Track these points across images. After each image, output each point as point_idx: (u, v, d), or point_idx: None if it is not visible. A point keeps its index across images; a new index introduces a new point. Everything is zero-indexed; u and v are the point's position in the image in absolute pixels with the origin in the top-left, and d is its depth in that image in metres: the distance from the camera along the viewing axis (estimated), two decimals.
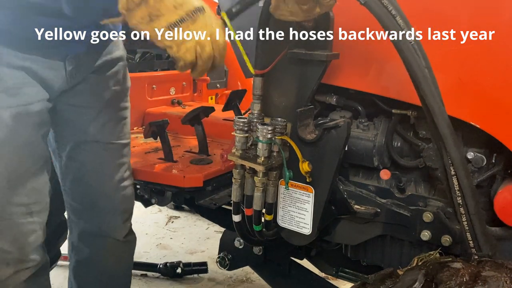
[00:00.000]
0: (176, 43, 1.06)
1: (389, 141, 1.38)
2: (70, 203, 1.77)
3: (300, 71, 1.27)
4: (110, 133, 1.68)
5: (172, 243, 3.36)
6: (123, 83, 1.69)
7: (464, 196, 1.12)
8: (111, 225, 1.77)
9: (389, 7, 1.09)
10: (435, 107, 1.09)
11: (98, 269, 1.82)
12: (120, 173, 1.73)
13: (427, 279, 0.97)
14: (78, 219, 1.79)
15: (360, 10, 1.14)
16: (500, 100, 1.19)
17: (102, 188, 1.70)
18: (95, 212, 1.74)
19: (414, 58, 1.09)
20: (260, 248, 1.74)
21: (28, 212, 1.41)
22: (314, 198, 1.32)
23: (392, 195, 1.38)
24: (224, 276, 2.91)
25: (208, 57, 1.09)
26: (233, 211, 1.37)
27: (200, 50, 1.08)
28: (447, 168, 1.13)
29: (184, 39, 1.06)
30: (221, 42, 1.10)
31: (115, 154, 1.71)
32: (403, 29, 1.09)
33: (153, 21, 1.05)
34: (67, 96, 1.53)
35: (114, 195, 1.73)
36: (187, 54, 1.07)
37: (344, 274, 1.82)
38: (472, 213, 1.13)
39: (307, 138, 1.29)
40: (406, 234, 1.35)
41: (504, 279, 0.93)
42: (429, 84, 1.09)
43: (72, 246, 1.84)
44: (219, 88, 3.13)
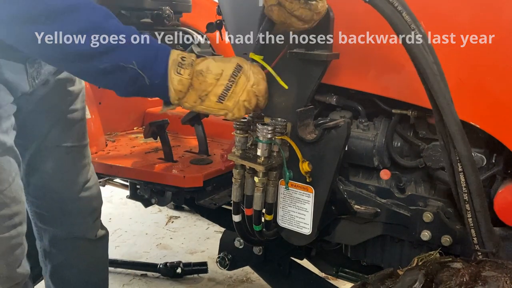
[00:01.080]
0: (228, 110, 1.16)
1: (389, 141, 1.38)
2: (35, 211, 1.74)
3: (300, 71, 1.27)
4: (71, 136, 1.66)
5: (172, 243, 3.36)
6: (79, 83, 1.66)
7: (470, 192, 1.12)
8: (82, 227, 1.76)
9: (395, 3, 1.08)
10: (443, 103, 1.09)
11: (76, 270, 1.81)
12: (84, 174, 1.72)
13: (427, 279, 0.97)
14: (46, 226, 1.77)
15: (360, 10, 1.14)
16: (500, 100, 1.19)
17: (68, 193, 1.69)
18: (63, 217, 1.72)
19: (422, 53, 1.09)
20: (260, 248, 1.74)
21: (12, 225, 1.36)
22: (314, 198, 1.32)
23: (392, 195, 1.38)
24: (224, 276, 2.90)
25: (256, 106, 1.19)
26: (233, 211, 1.37)
27: (248, 104, 1.17)
28: (454, 165, 1.13)
29: (233, 104, 1.15)
30: (263, 88, 1.18)
31: (77, 157, 1.70)
32: (410, 25, 1.09)
33: (204, 100, 1.15)
34: (27, 101, 1.48)
35: (80, 198, 1.71)
36: (240, 113, 1.17)
37: (344, 274, 1.82)
38: (478, 210, 1.12)
39: (307, 138, 1.29)
40: (406, 234, 1.35)
41: (504, 279, 0.93)
42: (438, 80, 1.09)
43: (45, 253, 1.82)
44: None
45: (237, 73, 1.14)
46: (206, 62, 1.15)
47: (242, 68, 1.15)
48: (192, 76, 1.13)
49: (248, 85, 1.15)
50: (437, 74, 1.09)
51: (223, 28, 2.24)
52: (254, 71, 1.17)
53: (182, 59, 1.13)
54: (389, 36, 1.24)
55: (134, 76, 1.11)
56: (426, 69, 1.09)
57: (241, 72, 1.14)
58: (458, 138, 1.10)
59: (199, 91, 1.14)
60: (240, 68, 1.15)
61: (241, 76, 1.14)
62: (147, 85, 1.12)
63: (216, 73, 1.13)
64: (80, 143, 1.70)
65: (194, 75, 1.13)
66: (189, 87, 1.14)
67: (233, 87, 1.14)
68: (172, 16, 2.57)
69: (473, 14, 1.20)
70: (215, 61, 1.15)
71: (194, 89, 1.14)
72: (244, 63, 1.16)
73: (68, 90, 1.62)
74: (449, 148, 1.13)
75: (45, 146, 1.61)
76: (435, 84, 1.09)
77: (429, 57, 1.09)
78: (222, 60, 1.16)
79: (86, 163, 1.74)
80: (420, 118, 1.33)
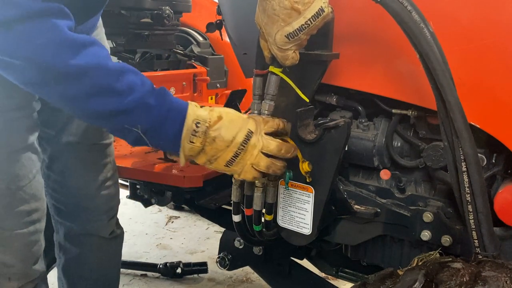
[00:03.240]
0: (235, 172, 1.19)
1: (389, 141, 1.38)
2: (53, 204, 1.75)
3: (300, 71, 1.27)
4: (93, 134, 1.66)
5: (172, 243, 3.36)
6: None
7: (473, 193, 1.12)
8: (96, 224, 1.77)
9: (405, 3, 1.09)
10: (452, 101, 1.08)
11: (87, 267, 1.82)
12: (104, 173, 1.71)
13: (427, 279, 0.97)
14: (62, 220, 1.78)
15: (361, 9, 1.14)
16: (500, 100, 1.19)
17: (86, 190, 1.69)
18: (78, 213, 1.73)
19: (433, 51, 1.09)
20: (260, 248, 1.74)
21: (30, 221, 1.38)
22: (314, 198, 1.31)
23: (392, 195, 1.38)
24: (224, 276, 2.90)
25: (266, 168, 1.18)
26: (233, 211, 1.37)
27: (257, 166, 1.17)
28: (458, 164, 1.12)
29: (239, 168, 1.17)
30: (273, 147, 1.18)
31: (98, 155, 1.70)
32: (419, 23, 1.09)
33: (213, 163, 1.17)
34: None
35: (98, 196, 1.72)
36: (247, 175, 1.19)
37: (344, 274, 1.82)
38: (480, 211, 1.12)
39: (307, 138, 1.29)
40: (406, 234, 1.35)
41: (504, 279, 0.92)
42: (447, 77, 1.09)
43: (60, 246, 1.84)
44: (219, 88, 3.13)
45: (247, 141, 1.15)
46: (219, 126, 1.14)
47: (253, 133, 1.16)
48: (204, 143, 1.14)
49: (255, 150, 1.16)
50: (446, 72, 1.09)
51: (223, 28, 2.24)
52: (264, 136, 1.17)
53: (196, 126, 1.13)
54: (389, 36, 1.25)
55: (138, 137, 1.13)
56: (436, 67, 1.08)
57: (250, 139, 1.15)
58: (464, 136, 1.09)
59: (209, 155, 1.15)
60: (250, 135, 1.15)
61: (250, 143, 1.15)
62: (153, 143, 1.16)
63: (228, 140, 1.14)
64: (102, 141, 1.69)
65: (207, 142, 1.14)
66: (200, 152, 1.15)
67: (241, 154, 1.15)
68: (172, 16, 2.57)
69: (473, 14, 1.20)
70: (228, 124, 1.14)
71: (205, 153, 1.15)
72: (255, 126, 1.17)
73: None
74: (453, 147, 1.13)
75: (67, 141, 1.62)
76: (445, 82, 1.08)
77: (438, 54, 1.10)
78: (235, 123, 1.15)
79: (108, 161, 1.73)
80: (420, 118, 1.33)
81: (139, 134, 1.12)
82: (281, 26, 1.10)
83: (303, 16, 1.09)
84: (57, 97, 1.12)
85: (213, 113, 1.15)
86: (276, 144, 1.18)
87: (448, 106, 1.09)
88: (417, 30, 1.09)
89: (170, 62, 2.91)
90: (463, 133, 1.09)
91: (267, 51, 1.19)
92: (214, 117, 1.15)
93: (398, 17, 1.10)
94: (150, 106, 1.12)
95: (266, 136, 1.18)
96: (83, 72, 1.06)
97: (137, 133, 1.12)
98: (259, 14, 1.15)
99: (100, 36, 1.64)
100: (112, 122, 1.13)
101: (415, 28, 1.09)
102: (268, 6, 1.11)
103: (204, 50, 3.09)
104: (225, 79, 3.18)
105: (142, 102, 1.11)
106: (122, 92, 1.09)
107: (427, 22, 1.10)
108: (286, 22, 1.10)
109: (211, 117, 1.14)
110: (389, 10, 1.11)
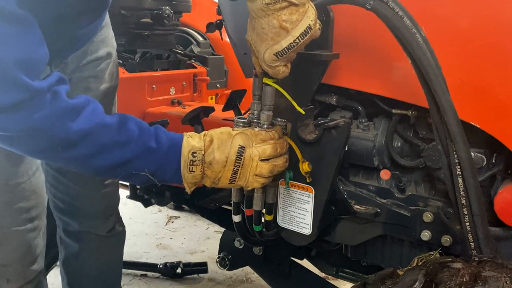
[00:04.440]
0: (242, 185, 1.22)
1: (389, 141, 1.38)
2: (52, 199, 1.76)
3: (300, 71, 1.27)
4: None
5: (172, 243, 3.36)
6: (108, 81, 1.65)
7: (468, 196, 1.12)
8: (93, 223, 1.77)
9: (396, 9, 1.09)
10: (445, 105, 1.09)
11: (87, 263, 1.82)
12: None
13: (427, 279, 0.97)
14: (61, 215, 1.79)
15: (361, 9, 1.14)
16: (500, 100, 1.19)
17: (83, 189, 1.69)
18: (75, 210, 1.73)
19: (425, 55, 1.09)
20: (260, 248, 1.74)
21: (29, 218, 1.37)
22: (314, 198, 1.31)
23: (392, 195, 1.38)
24: (224, 276, 2.90)
25: (270, 172, 1.20)
26: (233, 211, 1.37)
27: (260, 174, 1.19)
28: (453, 168, 1.13)
29: (244, 182, 1.21)
30: (270, 151, 1.20)
31: None
32: (411, 29, 1.09)
33: (218, 183, 1.21)
34: None
35: (95, 195, 1.72)
36: (254, 185, 1.21)
37: (344, 274, 1.82)
38: (475, 214, 1.12)
39: (307, 138, 1.29)
40: (406, 234, 1.35)
41: (504, 279, 0.93)
42: (440, 82, 1.09)
43: (60, 240, 1.85)
44: (219, 88, 3.13)
45: (241, 157, 1.17)
46: (212, 149, 1.17)
47: (246, 148, 1.17)
48: (203, 169, 1.17)
49: (253, 162, 1.18)
50: (439, 76, 1.10)
51: (223, 28, 2.24)
52: (257, 143, 1.19)
53: (193, 156, 1.16)
54: (389, 36, 1.25)
55: (147, 179, 1.17)
56: (429, 71, 1.09)
57: (244, 154, 1.17)
58: (458, 139, 1.10)
59: (212, 178, 1.19)
60: (242, 150, 1.17)
61: (244, 158, 1.17)
62: (161, 181, 1.20)
63: (222, 161, 1.17)
64: None
65: (205, 167, 1.17)
66: (203, 177, 1.19)
67: (240, 170, 1.18)
68: (172, 16, 2.57)
69: (473, 14, 1.20)
70: (218, 146, 1.17)
71: (207, 177, 1.19)
72: (245, 141, 1.18)
73: (91, 88, 1.60)
74: (448, 151, 1.13)
75: None
76: (438, 87, 1.09)
77: (430, 59, 1.10)
78: (225, 144, 1.17)
79: None
80: (420, 118, 1.33)
81: (147, 176, 1.16)
82: (269, 44, 1.11)
83: (291, 34, 1.09)
84: (63, 161, 1.16)
85: (205, 138, 1.19)
86: (271, 147, 1.19)
87: (441, 110, 1.09)
88: (409, 35, 1.10)
89: (170, 62, 2.90)
90: (457, 137, 1.10)
91: (258, 66, 1.21)
92: (206, 141, 1.18)
93: (390, 23, 1.11)
94: (153, 149, 1.16)
95: (258, 144, 1.19)
96: (85, 135, 1.08)
97: (145, 176, 1.16)
98: (249, 32, 1.17)
99: (106, 35, 1.64)
100: (121, 172, 1.16)
101: (407, 34, 1.10)
102: (257, 24, 1.12)
103: (204, 50, 3.09)
104: (225, 79, 3.18)
105: (145, 147, 1.15)
106: (124, 143, 1.13)
107: (419, 27, 1.11)
108: (274, 41, 1.11)
109: (204, 143, 1.17)
110: (380, 16, 1.11)
